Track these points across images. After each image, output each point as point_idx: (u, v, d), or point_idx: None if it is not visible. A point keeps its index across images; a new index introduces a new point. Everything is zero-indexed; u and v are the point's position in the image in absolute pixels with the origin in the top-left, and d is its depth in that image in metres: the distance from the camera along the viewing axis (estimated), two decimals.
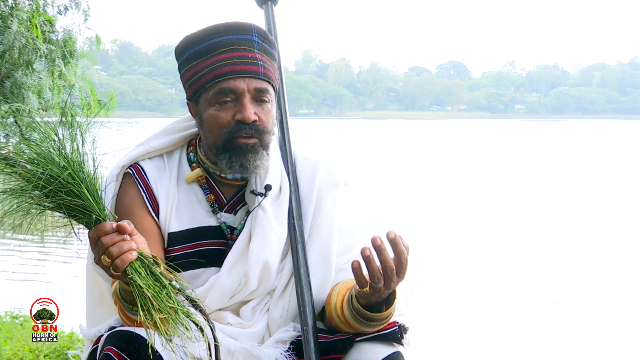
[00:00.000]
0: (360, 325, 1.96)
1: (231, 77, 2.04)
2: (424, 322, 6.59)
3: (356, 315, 1.94)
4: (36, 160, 1.72)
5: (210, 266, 2.10)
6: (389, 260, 1.81)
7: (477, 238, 11.71)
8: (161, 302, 1.69)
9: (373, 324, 1.95)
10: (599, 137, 52.43)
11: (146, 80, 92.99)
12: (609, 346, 6.31)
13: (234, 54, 2.05)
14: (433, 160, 28.50)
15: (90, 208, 1.72)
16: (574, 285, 8.53)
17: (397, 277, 1.84)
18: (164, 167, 2.16)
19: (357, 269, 1.84)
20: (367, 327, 1.96)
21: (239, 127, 2.04)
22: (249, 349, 2.01)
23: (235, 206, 2.15)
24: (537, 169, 25.07)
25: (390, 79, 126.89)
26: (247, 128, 2.04)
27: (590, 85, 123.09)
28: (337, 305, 2.01)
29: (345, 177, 2.22)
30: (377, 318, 1.94)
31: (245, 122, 2.03)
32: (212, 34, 2.08)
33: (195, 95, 2.10)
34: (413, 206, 15.38)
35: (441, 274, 9.00)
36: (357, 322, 1.96)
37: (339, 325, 2.01)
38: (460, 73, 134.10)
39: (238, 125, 2.04)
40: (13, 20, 4.19)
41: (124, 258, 1.70)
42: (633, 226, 12.74)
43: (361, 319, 1.95)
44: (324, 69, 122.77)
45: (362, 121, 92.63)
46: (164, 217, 2.11)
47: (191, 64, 2.09)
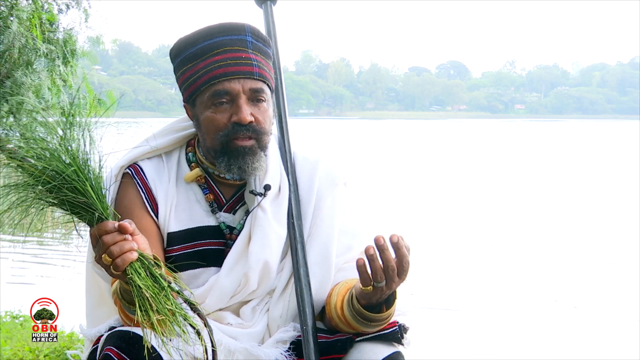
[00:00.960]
0: (360, 325, 1.96)
1: (226, 79, 2.04)
2: (425, 322, 6.59)
3: (356, 315, 1.95)
4: (41, 156, 1.72)
5: (210, 266, 2.10)
6: (391, 260, 1.83)
7: (478, 238, 11.71)
8: (159, 303, 1.69)
9: (373, 324, 1.96)
10: (599, 137, 52.43)
11: (146, 80, 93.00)
12: (609, 346, 6.31)
13: (227, 55, 2.05)
14: (433, 160, 28.50)
15: (93, 206, 1.73)
16: (573, 285, 8.53)
17: (399, 278, 1.85)
18: (163, 167, 2.17)
19: (362, 266, 1.85)
20: (367, 328, 1.97)
21: (235, 130, 2.04)
22: (249, 349, 2.01)
23: (235, 206, 2.15)
24: (537, 169, 25.07)
25: (390, 79, 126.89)
26: (244, 130, 2.04)
27: (590, 85, 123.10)
28: (337, 305, 2.01)
29: (344, 176, 2.23)
30: (377, 318, 1.94)
31: (242, 123, 2.03)
32: (205, 36, 2.08)
33: (191, 98, 2.10)
34: (413, 206, 15.37)
35: (441, 274, 9.00)
36: (357, 322, 1.96)
37: (339, 325, 2.01)
38: (460, 73, 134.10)
39: (235, 127, 2.04)
40: (13, 20, 4.19)
41: (124, 258, 1.71)
42: (633, 226, 12.74)
43: (361, 319, 1.95)
44: (324, 69, 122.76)
45: (362, 121, 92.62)
46: (163, 217, 2.11)
47: (185, 66, 2.09)
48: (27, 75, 4.22)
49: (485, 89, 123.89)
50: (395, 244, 1.82)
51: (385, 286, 1.85)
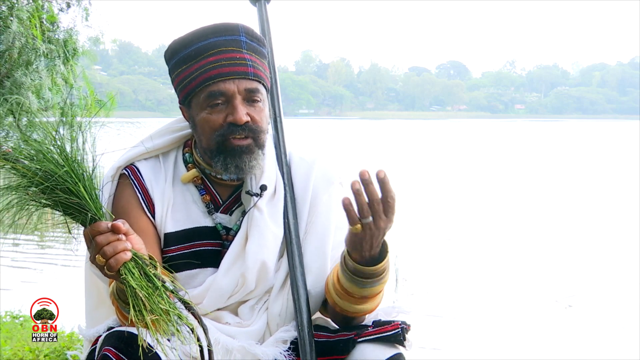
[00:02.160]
0: (357, 285, 1.94)
1: (220, 80, 2.04)
2: (425, 323, 6.59)
3: (351, 275, 1.93)
4: (34, 157, 1.72)
5: (206, 267, 2.10)
6: (375, 194, 1.82)
7: (478, 238, 11.70)
8: (153, 303, 1.69)
9: (369, 282, 1.94)
10: (599, 137, 52.43)
11: (146, 80, 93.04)
12: (609, 346, 6.31)
13: (222, 56, 2.05)
14: (433, 161, 28.50)
15: (86, 206, 1.72)
16: (574, 285, 8.53)
17: (386, 217, 1.83)
18: (159, 168, 2.17)
19: (347, 205, 1.83)
20: (364, 287, 1.94)
21: (231, 130, 2.04)
22: (246, 347, 2.01)
23: (231, 207, 2.15)
24: (537, 169, 25.06)
25: (390, 79, 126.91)
26: (239, 130, 2.04)
27: (590, 85, 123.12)
28: (334, 279, 2.00)
29: (340, 176, 2.23)
30: (372, 272, 1.92)
31: (238, 124, 2.03)
32: (199, 37, 2.07)
33: (186, 100, 2.10)
34: (413, 206, 15.37)
35: (441, 274, 9.00)
36: (354, 283, 1.94)
37: (341, 305, 2.00)
38: (460, 73, 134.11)
39: (230, 127, 2.04)
40: (13, 20, 4.19)
41: (117, 258, 1.70)
42: (633, 226, 12.74)
43: (357, 277, 1.93)
44: (324, 69, 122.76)
45: (362, 121, 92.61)
46: (160, 218, 2.11)
47: (180, 68, 2.09)
48: (26, 75, 4.22)
49: (485, 89, 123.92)
50: (381, 180, 1.82)
51: (373, 224, 1.84)
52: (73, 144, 1.74)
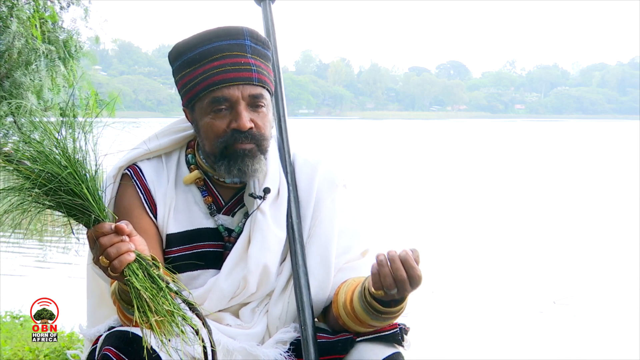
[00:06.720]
0: (370, 317, 1.95)
1: (225, 85, 2.03)
2: (425, 323, 6.59)
3: (368, 307, 1.94)
4: (37, 158, 1.71)
5: (208, 268, 2.10)
6: (400, 270, 1.83)
7: (478, 238, 11.70)
8: (157, 304, 1.68)
9: (384, 317, 1.95)
10: (599, 137, 52.41)
11: (146, 80, 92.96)
12: (609, 346, 6.31)
13: (226, 61, 2.04)
14: (433, 161, 28.50)
15: (89, 208, 1.72)
16: (573, 285, 8.53)
17: (412, 288, 1.86)
18: (162, 169, 2.16)
19: (375, 274, 1.85)
20: (377, 320, 1.96)
21: (235, 136, 2.03)
22: (247, 349, 2.01)
23: (233, 208, 2.15)
24: (537, 169, 25.06)
25: (390, 79, 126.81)
26: (243, 136, 2.03)
27: (590, 85, 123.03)
28: (346, 301, 2.00)
29: (344, 179, 2.22)
30: (389, 312, 1.93)
31: (241, 130, 2.03)
32: (204, 41, 2.06)
33: (190, 103, 2.09)
34: (413, 206, 15.37)
35: (441, 274, 8.99)
36: (368, 314, 1.95)
37: (347, 323, 2.00)
38: (460, 73, 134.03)
39: (234, 134, 2.03)
40: (13, 20, 4.19)
41: (121, 259, 1.70)
42: (633, 226, 12.74)
43: (373, 311, 1.94)
44: (324, 69, 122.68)
45: (362, 121, 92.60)
46: (162, 219, 2.11)
47: (184, 71, 2.08)
48: (26, 75, 4.22)
49: (485, 89, 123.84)
50: (402, 258, 1.83)
51: (397, 294, 1.86)
52: (75, 144, 1.73)
